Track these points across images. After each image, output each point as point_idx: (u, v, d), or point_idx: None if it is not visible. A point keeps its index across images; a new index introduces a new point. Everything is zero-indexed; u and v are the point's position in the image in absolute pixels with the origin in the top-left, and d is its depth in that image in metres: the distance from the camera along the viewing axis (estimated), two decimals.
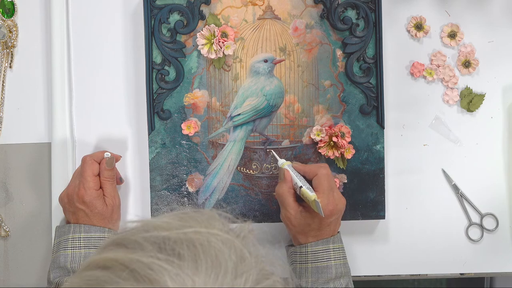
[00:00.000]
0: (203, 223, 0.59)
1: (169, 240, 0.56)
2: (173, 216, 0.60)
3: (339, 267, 1.02)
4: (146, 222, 0.60)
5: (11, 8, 1.13)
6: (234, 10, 1.09)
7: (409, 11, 1.12)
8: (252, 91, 1.10)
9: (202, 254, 0.55)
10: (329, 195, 1.00)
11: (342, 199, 1.02)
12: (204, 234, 0.57)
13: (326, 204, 0.99)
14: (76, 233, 1.03)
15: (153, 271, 0.54)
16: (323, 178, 1.01)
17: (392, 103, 1.13)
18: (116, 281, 0.54)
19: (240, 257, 0.57)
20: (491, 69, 1.13)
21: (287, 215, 1.02)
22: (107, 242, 0.60)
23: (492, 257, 1.14)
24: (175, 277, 0.53)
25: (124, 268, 0.54)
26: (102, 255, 0.58)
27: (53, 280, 1.02)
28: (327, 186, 1.00)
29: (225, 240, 0.57)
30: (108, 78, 1.13)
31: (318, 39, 1.10)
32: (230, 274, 0.55)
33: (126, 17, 1.13)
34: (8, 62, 1.14)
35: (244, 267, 0.56)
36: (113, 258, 0.56)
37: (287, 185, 1.02)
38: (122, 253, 0.56)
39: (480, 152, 1.14)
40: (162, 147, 1.10)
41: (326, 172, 1.02)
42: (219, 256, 0.56)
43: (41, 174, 1.13)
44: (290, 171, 1.03)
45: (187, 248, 0.56)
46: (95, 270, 0.56)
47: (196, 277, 0.54)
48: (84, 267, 0.58)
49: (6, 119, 1.14)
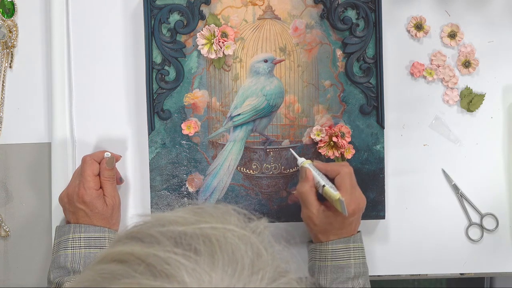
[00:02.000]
0: (219, 218, 0.58)
1: (185, 235, 0.56)
2: (188, 211, 0.59)
3: (358, 266, 1.02)
4: (161, 216, 0.59)
5: (11, 8, 1.13)
6: (234, 10, 1.09)
7: (409, 11, 1.12)
8: (252, 91, 1.10)
9: (218, 250, 0.55)
10: (352, 194, 1.00)
11: (363, 197, 1.03)
12: (221, 229, 0.56)
13: (349, 203, 0.99)
14: (76, 233, 1.03)
15: (170, 265, 0.53)
16: (346, 177, 1.01)
17: (392, 103, 1.13)
18: (132, 275, 0.53)
19: (256, 253, 0.56)
20: (491, 69, 1.13)
21: (308, 214, 1.01)
22: (121, 235, 0.59)
23: (492, 257, 1.14)
24: (192, 272, 0.53)
25: (141, 262, 0.54)
26: (117, 249, 0.57)
27: (53, 280, 1.02)
28: (349, 185, 1.00)
29: (242, 236, 0.57)
30: (108, 78, 1.13)
31: (318, 39, 1.10)
32: (246, 270, 0.54)
33: (126, 17, 1.13)
34: (8, 62, 1.14)
35: (261, 264, 0.55)
36: (129, 252, 0.55)
37: (309, 184, 1.02)
38: (138, 247, 0.56)
39: (480, 152, 1.14)
40: (162, 147, 1.10)
41: (349, 171, 1.02)
42: (236, 252, 0.55)
43: (41, 174, 1.13)
44: (312, 170, 1.02)
45: (203, 244, 0.55)
46: (110, 264, 0.56)
47: (213, 272, 0.53)
48: (98, 260, 0.58)
49: (6, 119, 1.14)
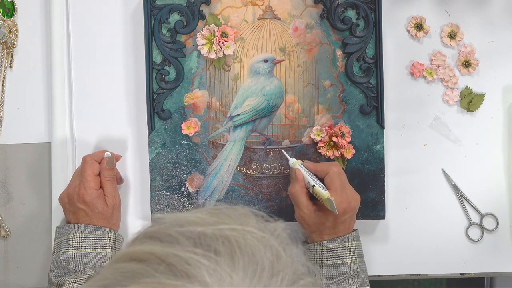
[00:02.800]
0: (238, 220, 0.58)
1: (205, 236, 0.55)
2: (205, 211, 0.59)
3: (354, 265, 1.02)
4: (178, 216, 0.59)
5: (11, 8, 1.13)
6: (234, 10, 1.09)
7: (409, 11, 1.12)
8: (252, 91, 1.10)
9: (238, 251, 0.54)
10: (342, 193, 1.00)
11: (355, 196, 1.03)
12: (240, 231, 0.56)
13: (340, 202, 0.99)
14: (77, 233, 1.03)
15: (190, 265, 0.53)
16: (335, 176, 1.01)
17: (392, 103, 1.13)
18: (152, 274, 0.53)
19: (276, 255, 0.56)
20: (491, 69, 1.13)
21: (301, 215, 1.02)
22: (139, 235, 0.59)
23: (492, 257, 1.14)
24: (213, 273, 0.52)
25: (161, 262, 0.53)
26: (136, 248, 0.57)
27: (54, 280, 1.02)
28: (339, 184, 1.01)
29: (261, 238, 0.56)
30: (108, 78, 1.13)
31: (318, 39, 1.10)
32: (266, 272, 0.54)
33: (126, 17, 1.13)
34: (8, 62, 1.14)
35: (280, 266, 0.55)
36: (149, 251, 0.55)
37: (299, 184, 1.02)
38: (158, 246, 0.55)
39: (480, 152, 1.14)
40: (162, 147, 1.10)
41: (338, 170, 1.02)
42: (256, 254, 0.55)
43: (41, 174, 1.13)
44: (302, 170, 1.03)
45: (223, 244, 0.55)
46: (130, 263, 0.55)
47: (234, 273, 0.53)
48: (116, 259, 0.57)
49: (6, 119, 1.14)
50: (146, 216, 1.13)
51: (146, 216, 1.13)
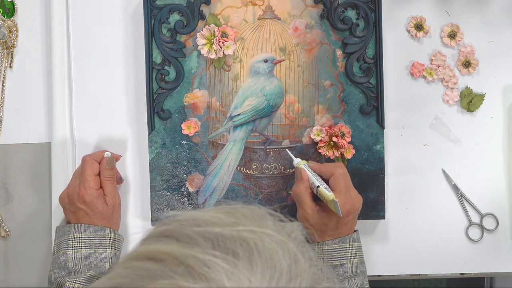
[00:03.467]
0: (256, 221, 0.57)
1: (222, 237, 0.54)
2: (222, 211, 0.58)
3: (355, 266, 1.02)
4: (194, 215, 0.58)
5: (11, 8, 1.13)
6: (234, 10, 1.09)
7: (409, 11, 1.12)
8: (252, 91, 1.10)
9: (256, 254, 0.54)
10: (346, 195, 1.00)
11: (358, 197, 1.03)
12: (258, 233, 0.55)
13: (344, 203, 0.99)
14: (77, 233, 1.03)
15: (209, 268, 0.52)
16: (340, 178, 1.01)
17: (392, 103, 1.13)
18: (171, 276, 0.52)
19: (294, 259, 0.55)
20: (491, 69, 1.13)
21: (304, 215, 1.02)
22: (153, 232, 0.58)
23: (492, 257, 1.14)
24: (231, 276, 0.52)
25: (179, 263, 0.52)
26: (152, 246, 0.55)
27: (54, 280, 1.02)
28: (344, 186, 1.01)
29: (279, 241, 0.56)
30: (108, 78, 1.13)
31: (318, 39, 1.10)
32: (284, 276, 0.53)
33: (126, 17, 1.13)
34: (8, 62, 1.14)
35: (298, 270, 0.54)
36: (166, 251, 0.54)
37: (304, 184, 1.02)
38: (175, 246, 0.54)
39: (480, 152, 1.14)
40: (162, 147, 1.10)
41: (343, 172, 1.02)
42: (274, 257, 0.54)
43: (41, 174, 1.13)
44: (307, 171, 1.03)
45: (241, 247, 0.54)
46: (145, 262, 0.54)
47: (252, 277, 0.52)
48: (130, 257, 0.56)
49: (6, 119, 1.14)
50: (146, 216, 1.13)
51: (146, 216, 1.13)
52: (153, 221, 1.10)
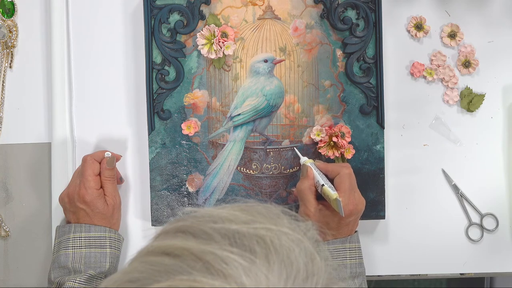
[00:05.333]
0: (272, 220, 0.57)
1: (239, 234, 0.54)
2: (238, 208, 0.58)
3: (354, 266, 1.02)
4: (210, 212, 0.57)
5: (11, 8, 1.13)
6: (234, 10, 1.09)
7: (409, 11, 1.12)
8: (252, 91, 1.10)
9: (274, 252, 0.53)
10: (350, 195, 1.00)
11: (362, 199, 1.03)
12: (275, 231, 0.55)
13: (347, 203, 0.99)
14: (77, 233, 1.03)
15: (227, 265, 0.52)
16: (345, 177, 1.01)
17: (392, 103, 1.13)
18: (188, 271, 0.52)
19: (310, 258, 0.55)
20: (491, 69, 1.13)
21: (306, 212, 1.02)
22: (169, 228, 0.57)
23: (492, 257, 1.14)
24: (249, 273, 0.52)
25: (197, 259, 0.52)
26: (169, 242, 0.55)
27: (54, 279, 1.02)
28: (348, 186, 1.01)
29: (295, 240, 0.55)
30: (108, 78, 1.13)
31: (318, 39, 1.10)
32: (301, 274, 0.53)
33: (126, 17, 1.13)
34: (8, 62, 1.14)
35: (314, 269, 0.54)
36: (184, 247, 0.53)
37: (309, 182, 1.02)
38: (193, 242, 0.54)
39: (480, 152, 1.14)
40: (162, 147, 1.10)
41: (349, 172, 1.02)
42: (291, 255, 0.54)
43: (41, 174, 1.13)
44: (313, 169, 1.03)
45: (258, 245, 0.54)
46: (162, 257, 0.54)
47: (270, 274, 0.52)
48: (146, 252, 0.56)
49: (6, 119, 1.14)
50: (146, 216, 1.13)
51: (146, 216, 1.13)
52: (153, 221, 1.10)
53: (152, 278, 0.53)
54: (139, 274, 0.54)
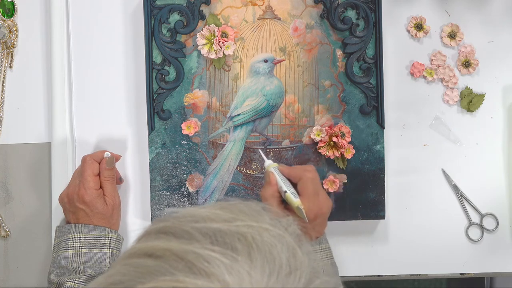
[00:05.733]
0: (253, 217, 0.57)
1: (221, 232, 0.54)
2: (219, 207, 0.58)
3: (325, 268, 1.01)
4: (192, 211, 0.58)
5: (11, 8, 1.13)
6: (234, 10, 1.09)
7: (409, 11, 1.12)
8: (252, 91, 1.10)
9: (255, 249, 0.54)
10: (314, 199, 0.98)
11: (327, 202, 1.00)
12: (256, 228, 0.55)
13: (311, 208, 0.97)
14: (77, 233, 1.03)
15: (209, 264, 0.52)
16: (308, 182, 0.98)
17: (392, 103, 1.13)
18: (171, 272, 0.52)
19: (292, 253, 0.55)
20: (491, 69, 1.13)
21: None
22: (150, 229, 0.58)
23: (492, 257, 1.14)
24: (232, 271, 0.52)
25: (179, 259, 0.52)
26: (150, 243, 0.55)
27: (53, 280, 1.02)
28: (312, 190, 0.98)
29: (277, 235, 0.56)
30: (108, 78, 1.13)
31: (318, 39, 1.10)
32: (284, 269, 0.53)
33: (126, 17, 1.13)
34: (8, 62, 1.14)
35: (297, 264, 0.55)
36: (166, 248, 0.54)
37: (272, 188, 0.99)
38: (175, 243, 0.54)
39: (480, 152, 1.14)
40: (162, 147, 1.10)
41: (311, 176, 0.99)
42: (273, 251, 0.54)
43: (41, 174, 1.13)
44: (276, 174, 1.00)
45: (240, 242, 0.54)
46: (144, 258, 0.54)
47: (253, 271, 0.52)
48: (128, 254, 0.56)
49: (6, 119, 1.14)
50: (146, 216, 1.13)
51: (146, 216, 1.13)
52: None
53: (135, 280, 0.53)
54: (122, 277, 0.54)
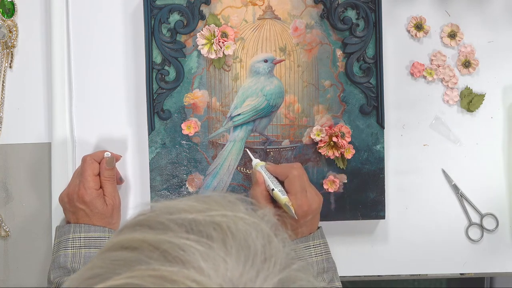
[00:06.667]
0: (228, 206, 0.58)
1: (195, 222, 0.55)
2: (194, 199, 0.59)
3: (320, 263, 1.01)
4: (167, 204, 0.58)
5: (11, 8, 1.13)
6: (234, 10, 1.09)
7: (409, 11, 1.12)
8: (252, 91, 1.10)
9: (230, 236, 0.54)
10: (302, 196, 0.98)
11: (316, 197, 1.00)
12: (231, 217, 0.56)
13: (300, 205, 0.98)
14: (76, 233, 1.03)
15: (184, 251, 0.52)
16: (295, 180, 0.99)
17: (392, 103, 1.13)
18: (146, 261, 0.53)
19: (267, 240, 0.56)
20: (491, 69, 1.13)
21: None
22: (127, 224, 0.59)
23: (492, 257, 1.14)
24: (207, 258, 0.52)
25: (154, 249, 0.53)
26: (126, 236, 0.56)
27: (53, 280, 1.02)
28: (299, 187, 0.99)
29: (252, 223, 0.56)
30: (108, 78, 1.13)
31: (318, 39, 1.10)
32: (259, 256, 0.54)
33: (126, 17, 1.13)
34: (8, 62, 1.14)
35: (272, 250, 0.55)
36: (141, 239, 0.54)
37: (259, 187, 1.01)
38: (150, 234, 0.55)
39: (480, 152, 1.14)
40: (162, 147, 1.10)
41: (297, 173, 1.00)
42: (248, 239, 0.55)
43: (41, 174, 1.13)
44: (263, 173, 1.01)
45: (215, 230, 0.55)
46: (121, 251, 0.55)
47: (228, 258, 0.53)
48: (106, 248, 0.57)
49: (6, 119, 1.14)
50: None
51: None
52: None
53: (112, 271, 0.53)
54: (99, 270, 0.55)
